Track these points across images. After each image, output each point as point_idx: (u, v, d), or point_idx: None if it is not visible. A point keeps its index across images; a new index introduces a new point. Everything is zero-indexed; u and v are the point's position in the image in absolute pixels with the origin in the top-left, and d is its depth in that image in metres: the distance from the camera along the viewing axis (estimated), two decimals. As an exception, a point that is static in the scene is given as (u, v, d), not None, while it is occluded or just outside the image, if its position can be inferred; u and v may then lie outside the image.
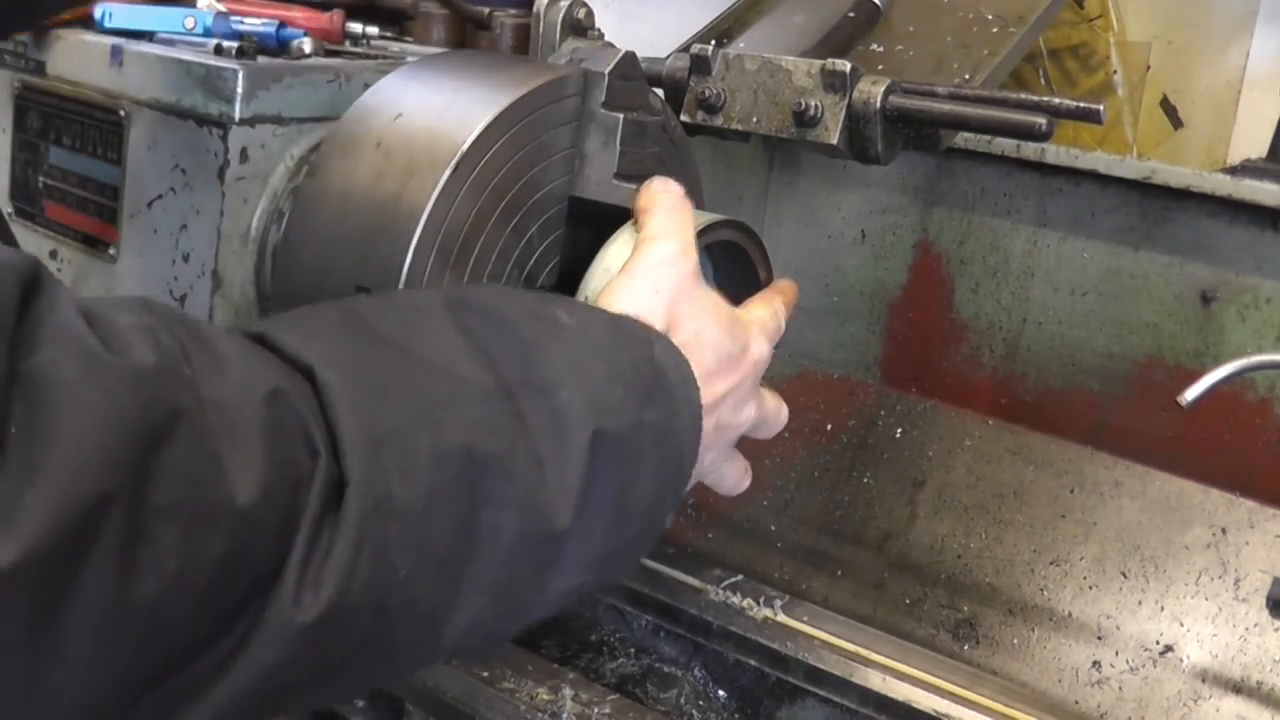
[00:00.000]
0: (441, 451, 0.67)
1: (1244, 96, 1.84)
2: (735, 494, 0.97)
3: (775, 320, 0.98)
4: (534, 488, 0.71)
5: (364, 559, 0.63)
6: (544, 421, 0.72)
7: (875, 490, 1.32)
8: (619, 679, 1.16)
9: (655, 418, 0.78)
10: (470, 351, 0.72)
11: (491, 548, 0.69)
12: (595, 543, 0.75)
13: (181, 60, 1.17)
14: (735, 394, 0.90)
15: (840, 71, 1.03)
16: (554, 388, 0.73)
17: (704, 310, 0.90)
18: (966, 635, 1.21)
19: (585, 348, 0.77)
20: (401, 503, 0.65)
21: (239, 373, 0.62)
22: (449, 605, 0.69)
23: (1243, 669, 1.11)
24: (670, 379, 0.80)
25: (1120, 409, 1.25)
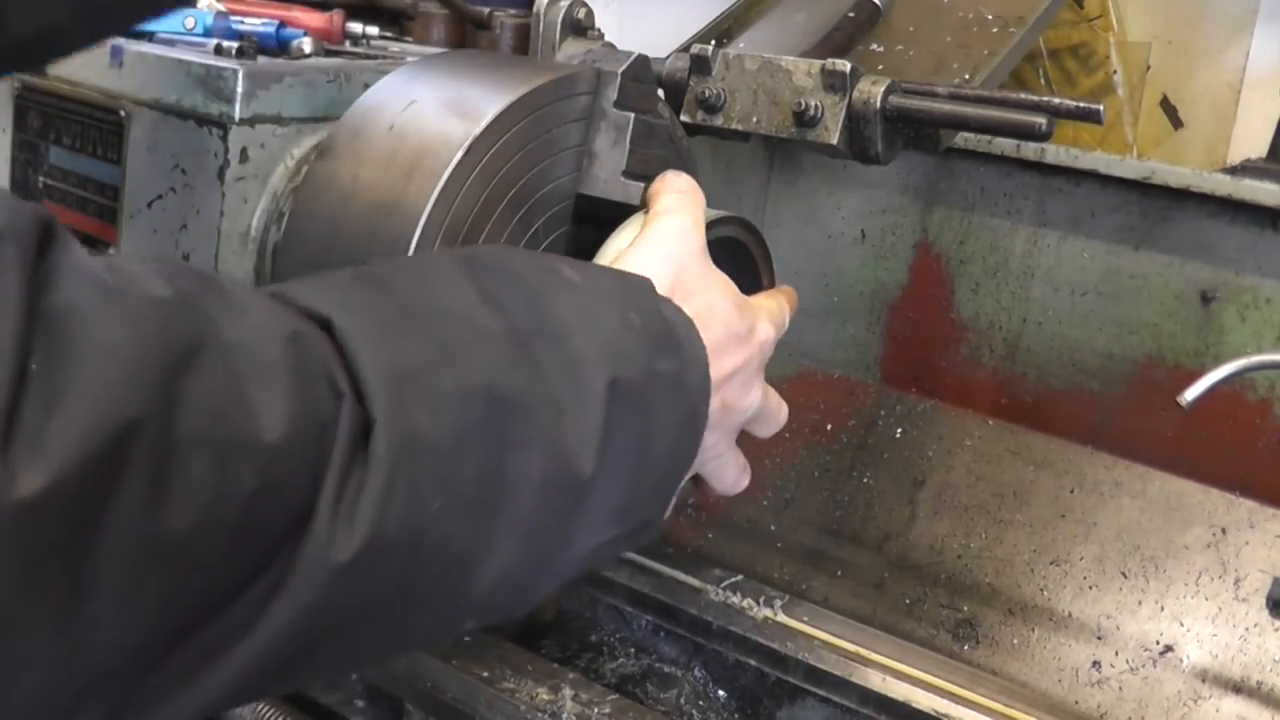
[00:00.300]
0: (466, 390, 0.67)
1: (1244, 96, 1.84)
2: (733, 492, 0.97)
3: (782, 313, 0.98)
4: (556, 432, 0.70)
5: (396, 496, 0.62)
6: (560, 369, 0.71)
7: (875, 490, 1.32)
8: (619, 679, 1.16)
9: (668, 367, 0.78)
10: (483, 301, 0.71)
11: (520, 491, 0.69)
12: (618, 491, 0.75)
13: (181, 60, 1.17)
14: (742, 373, 0.90)
15: (840, 71, 1.03)
16: (566, 336, 0.73)
17: (714, 284, 0.90)
18: (966, 635, 1.21)
19: (593, 299, 0.77)
20: (430, 440, 0.64)
21: (258, 317, 0.62)
22: (481, 549, 0.68)
23: (1243, 669, 1.11)
24: (680, 335, 0.80)
25: (1120, 409, 1.25)
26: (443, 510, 0.65)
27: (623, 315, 0.77)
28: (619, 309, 0.77)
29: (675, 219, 0.92)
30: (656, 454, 0.78)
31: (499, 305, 0.72)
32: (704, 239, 0.92)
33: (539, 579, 0.75)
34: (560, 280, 0.77)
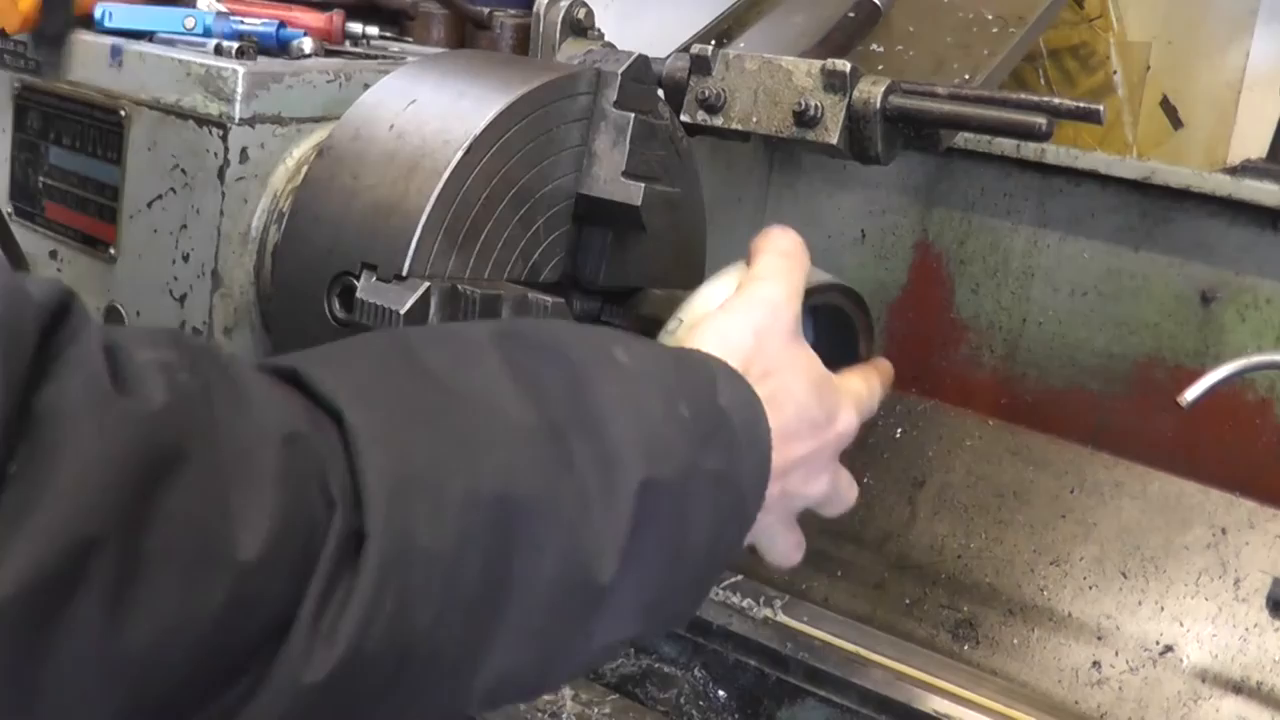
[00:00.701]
0: (475, 494, 0.64)
1: (1244, 96, 1.84)
2: (784, 565, 0.92)
3: (871, 398, 0.92)
4: (576, 534, 0.67)
5: (382, 611, 0.60)
6: (591, 464, 0.68)
7: (875, 490, 1.32)
8: (619, 679, 1.16)
9: (714, 464, 0.74)
10: (518, 389, 0.69)
11: (527, 594, 0.66)
12: (644, 591, 0.72)
13: (181, 60, 1.17)
14: (811, 462, 0.85)
15: (840, 71, 1.03)
16: (604, 429, 0.70)
17: (797, 365, 0.85)
18: (966, 635, 1.21)
19: (641, 387, 0.73)
20: (427, 549, 0.62)
21: (259, 414, 0.60)
22: (480, 653, 0.66)
23: (1243, 669, 1.11)
24: (735, 424, 0.77)
25: (1120, 409, 1.25)
26: (437, 619, 0.63)
27: (669, 406, 0.73)
28: (667, 399, 0.74)
29: (770, 286, 0.87)
30: (691, 552, 0.74)
31: (534, 391, 0.69)
32: (798, 310, 0.87)
33: (548, 675, 0.73)
34: (608, 362, 0.74)
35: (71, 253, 1.31)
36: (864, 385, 0.92)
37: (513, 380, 0.69)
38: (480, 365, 0.69)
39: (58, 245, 1.32)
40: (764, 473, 0.78)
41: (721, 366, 0.80)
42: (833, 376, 0.88)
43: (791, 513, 0.88)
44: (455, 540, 0.63)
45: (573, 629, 0.69)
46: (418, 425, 0.65)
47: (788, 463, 0.82)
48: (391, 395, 0.66)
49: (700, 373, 0.78)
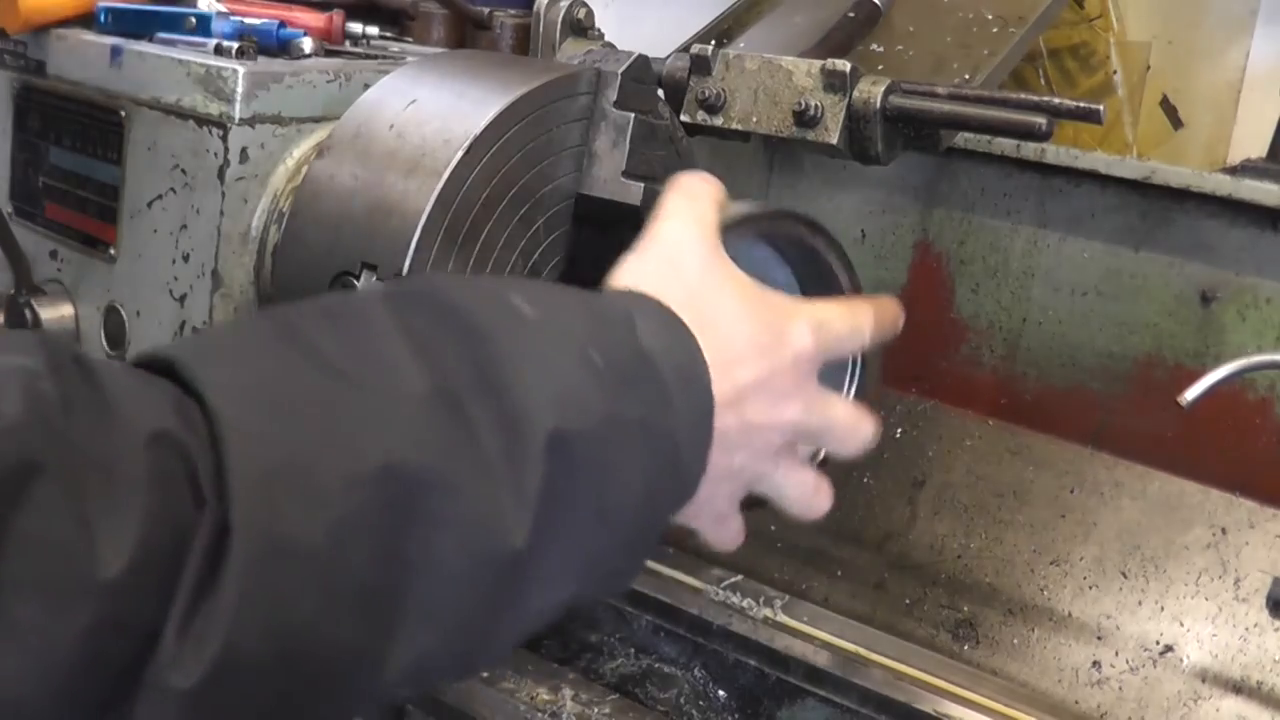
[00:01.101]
0: (356, 476, 0.60)
1: (1244, 96, 1.84)
2: (811, 515, 0.87)
3: (840, 324, 0.85)
4: (480, 501, 0.63)
5: (254, 608, 0.57)
6: (493, 427, 0.64)
7: (875, 490, 1.32)
8: (619, 679, 1.16)
9: (637, 410, 0.70)
10: (412, 354, 0.65)
11: (430, 573, 0.62)
12: (572, 554, 0.68)
13: (181, 60, 1.17)
14: (769, 387, 0.79)
15: (840, 71, 1.03)
16: (506, 387, 0.65)
17: (724, 286, 0.80)
18: (966, 635, 1.21)
19: (546, 338, 0.69)
20: (299, 540, 0.58)
21: (124, 416, 0.57)
22: (384, 640, 0.62)
23: (1243, 669, 1.11)
24: (660, 365, 0.72)
25: (1120, 409, 1.25)
26: (322, 612, 0.59)
27: (581, 355, 0.69)
28: (576, 348, 0.69)
29: (674, 221, 0.83)
30: (621, 506, 0.70)
31: (428, 356, 0.65)
32: (713, 241, 0.83)
33: (478, 650, 0.69)
34: (511, 317, 0.69)
35: (71, 253, 1.31)
36: (833, 311, 0.86)
37: (405, 347, 0.65)
38: (371, 335, 0.66)
39: (58, 245, 1.32)
40: (704, 407, 0.74)
41: (639, 302, 0.76)
42: (777, 295, 0.83)
43: (771, 446, 0.81)
44: (334, 527, 0.59)
45: (492, 600, 0.66)
46: (292, 409, 0.62)
47: (737, 390, 0.77)
48: (265, 379, 0.63)
49: (614, 315, 0.73)
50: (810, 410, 0.82)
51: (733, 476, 0.80)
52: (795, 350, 0.81)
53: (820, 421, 0.83)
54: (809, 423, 0.82)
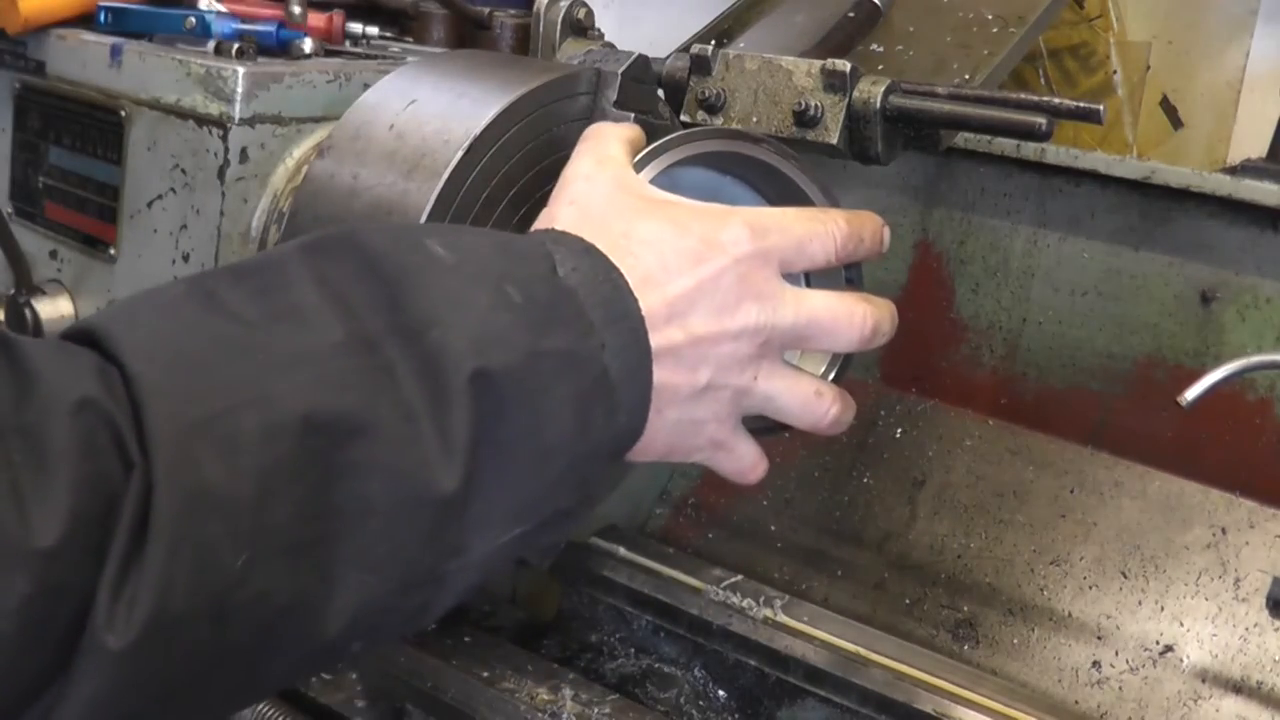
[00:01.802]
0: (276, 426, 0.60)
1: (1244, 96, 1.84)
2: (821, 425, 0.84)
3: (794, 224, 0.81)
4: (406, 445, 0.63)
5: (182, 564, 0.57)
6: (414, 370, 0.64)
7: (875, 490, 1.32)
8: (619, 679, 1.16)
9: (559, 342, 0.69)
10: (328, 303, 0.65)
11: (361, 520, 0.62)
12: (509, 493, 0.68)
13: (181, 60, 1.17)
14: (708, 294, 0.77)
15: (840, 71, 1.03)
16: (424, 329, 0.65)
17: (638, 210, 0.79)
18: (966, 635, 1.21)
19: (462, 279, 0.69)
20: (224, 492, 0.59)
21: (47, 388, 0.58)
22: (320, 590, 0.62)
23: (1243, 669, 1.11)
24: (580, 295, 0.71)
25: (1120, 409, 1.25)
26: (251, 564, 0.59)
27: (497, 292, 0.69)
28: (493, 285, 0.69)
29: (578, 160, 0.83)
30: (554, 441, 0.69)
31: (345, 304, 0.65)
32: (618, 170, 0.82)
33: (423, 599, 0.68)
34: (426, 260, 0.69)
35: (71, 253, 1.31)
36: (778, 212, 0.82)
37: (320, 296, 0.65)
38: (286, 286, 0.66)
39: (58, 245, 1.32)
40: (633, 327, 0.73)
41: (554, 237, 0.75)
42: (710, 206, 0.81)
43: (738, 358, 0.79)
44: (257, 478, 0.60)
45: (433, 545, 0.66)
46: (208, 365, 0.62)
47: (669, 304, 0.75)
48: (182, 338, 0.63)
49: (529, 251, 0.73)
50: (777, 310, 0.79)
51: (702, 395, 0.78)
52: (733, 253, 0.78)
53: (794, 319, 0.80)
54: (779, 323, 0.79)
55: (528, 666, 1.11)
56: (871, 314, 0.83)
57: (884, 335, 0.85)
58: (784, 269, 0.80)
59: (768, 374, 0.80)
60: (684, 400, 0.77)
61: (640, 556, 1.22)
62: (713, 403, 0.79)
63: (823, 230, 0.82)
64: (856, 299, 0.83)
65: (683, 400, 0.77)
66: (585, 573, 1.21)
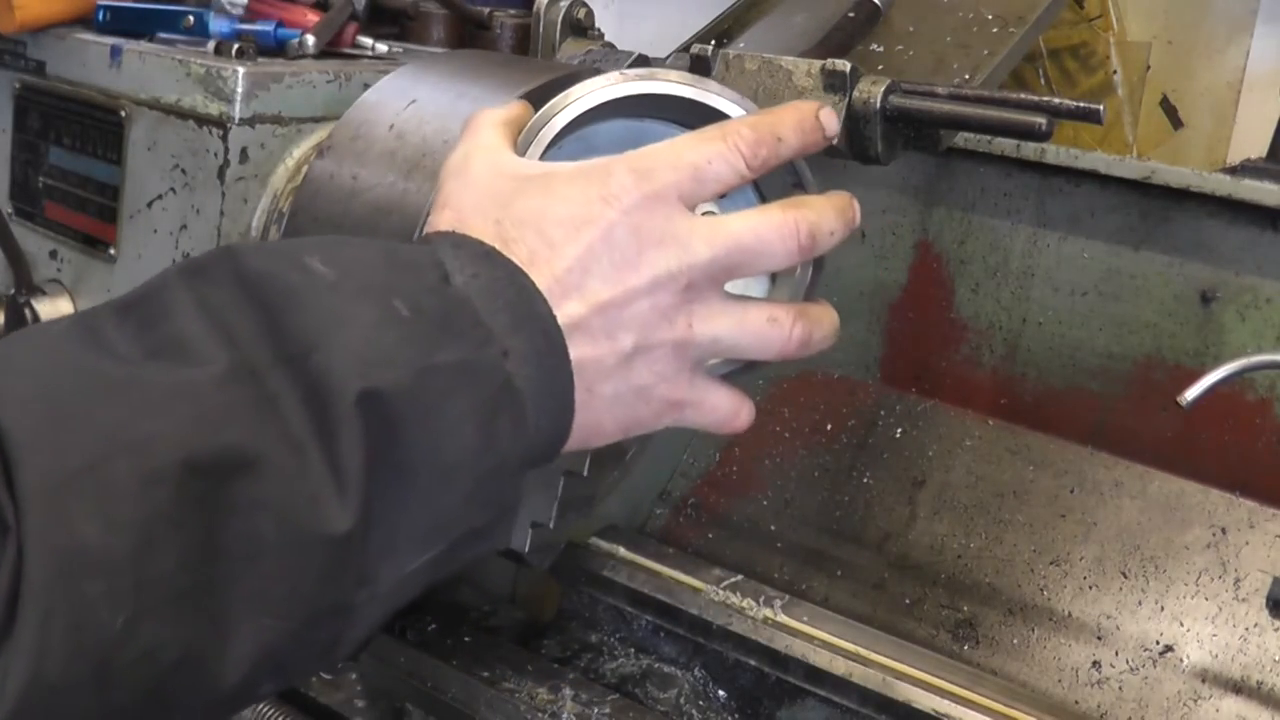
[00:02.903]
0: (151, 471, 0.57)
1: (1244, 96, 1.84)
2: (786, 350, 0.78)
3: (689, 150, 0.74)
4: (294, 480, 0.60)
5: (56, 630, 0.54)
6: (300, 397, 0.60)
7: (875, 490, 1.32)
8: (619, 679, 1.16)
9: (453, 355, 0.65)
10: (208, 331, 0.62)
11: (251, 563, 0.59)
12: (413, 516, 0.64)
13: (181, 60, 1.17)
14: (602, 254, 0.71)
15: (840, 71, 1.03)
16: (306, 354, 0.61)
17: (508, 191, 0.73)
18: (966, 635, 1.21)
19: (345, 295, 0.65)
20: (100, 549, 0.55)
21: None
22: (214, 640, 0.59)
23: (1243, 669, 1.11)
24: (478, 303, 0.68)
25: (1120, 409, 1.25)
26: (133, 622, 0.56)
27: (384, 308, 0.65)
28: (378, 301, 0.65)
29: (449, 158, 0.78)
30: (456, 459, 0.65)
31: (226, 332, 0.62)
32: (491, 152, 0.77)
33: (327, 635, 0.65)
34: (307, 279, 0.65)
35: (71, 253, 1.31)
36: (667, 145, 0.75)
37: (202, 325, 0.62)
38: (168, 317, 0.63)
39: (58, 245, 1.32)
40: (546, 331, 0.69)
41: (454, 241, 0.71)
42: (594, 161, 0.75)
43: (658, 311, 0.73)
44: (135, 529, 0.56)
45: (332, 579, 0.62)
46: (84, 414, 0.58)
47: (561, 277, 0.71)
48: (59, 382, 0.60)
49: (418, 261, 0.69)
50: (689, 249, 0.73)
51: (633, 360, 0.73)
52: (620, 205, 0.72)
53: (711, 253, 0.73)
54: (695, 261, 0.73)
55: (528, 666, 1.11)
56: (803, 219, 0.75)
57: (828, 236, 0.77)
58: (688, 203, 0.74)
59: (704, 317, 0.74)
60: (614, 371, 0.73)
61: (640, 556, 1.22)
62: (650, 364, 0.74)
63: (722, 147, 0.74)
64: (781, 207, 0.76)
65: (612, 372, 0.72)
66: (585, 573, 1.21)
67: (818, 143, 0.80)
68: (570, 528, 1.10)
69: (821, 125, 0.80)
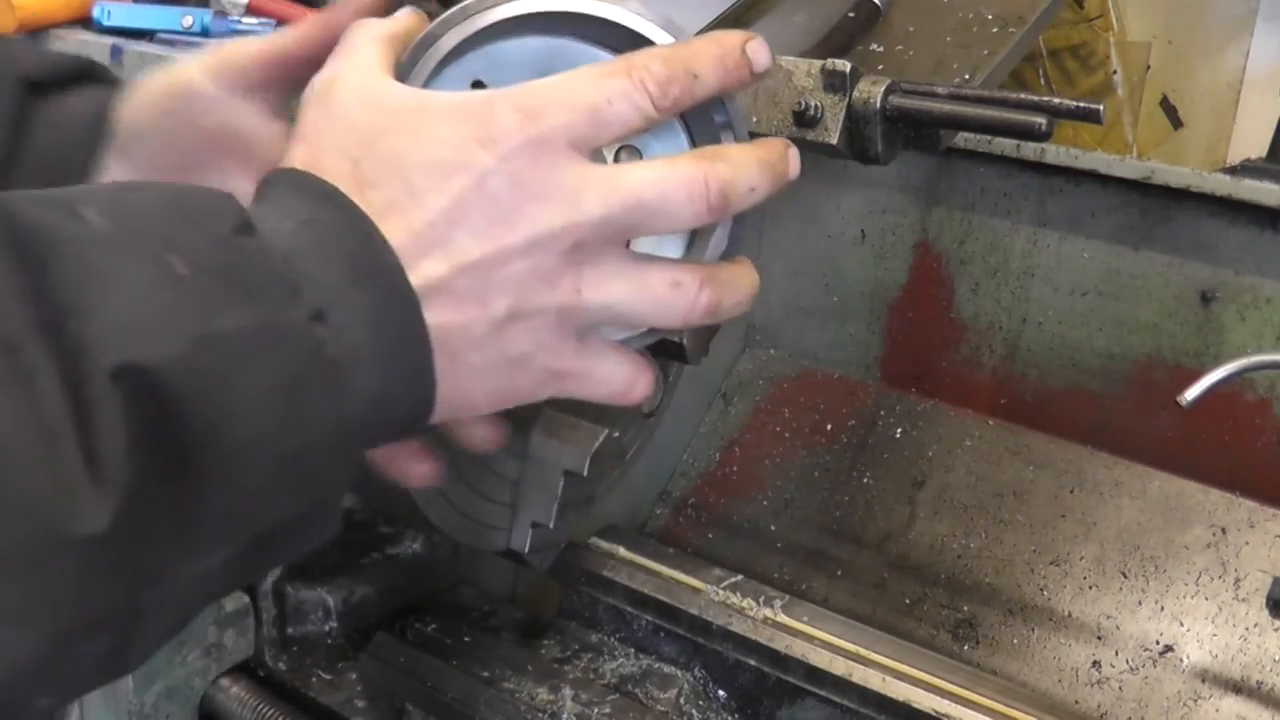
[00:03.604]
0: None
1: (1244, 96, 1.84)
2: (689, 316, 0.68)
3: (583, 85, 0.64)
4: (43, 469, 0.51)
5: None
6: (56, 372, 0.51)
7: (875, 490, 1.32)
8: (619, 679, 1.16)
9: (243, 320, 0.56)
10: None
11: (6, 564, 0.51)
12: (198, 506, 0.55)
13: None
14: (474, 206, 0.62)
15: (840, 71, 1.03)
16: (63, 320, 0.52)
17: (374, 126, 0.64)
18: (966, 635, 1.21)
19: (116, 250, 0.55)
20: None
21: None
22: None
23: (1243, 669, 1.11)
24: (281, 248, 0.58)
25: (1120, 409, 1.25)
26: None
27: (158, 265, 0.55)
28: (153, 257, 0.55)
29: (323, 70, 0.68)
30: (247, 440, 0.55)
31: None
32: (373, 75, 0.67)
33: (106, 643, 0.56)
34: (80, 231, 0.55)
35: (71, 253, 1.31)
36: (559, 80, 0.65)
37: None
38: None
39: (57, 245, 1.32)
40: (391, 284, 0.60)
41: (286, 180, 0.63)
42: (465, 97, 0.65)
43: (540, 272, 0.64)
44: None
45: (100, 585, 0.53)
46: None
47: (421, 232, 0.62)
48: None
49: (208, 207, 0.59)
50: (579, 204, 0.63)
51: (507, 327, 0.64)
52: (499, 150, 0.62)
53: (604, 209, 0.64)
54: (584, 218, 0.64)
55: (528, 666, 1.11)
56: (714, 174, 0.66)
57: (746, 192, 0.68)
58: (583, 148, 0.64)
59: (595, 281, 0.65)
60: (484, 339, 0.64)
61: (640, 556, 1.22)
62: (529, 331, 0.65)
63: (626, 84, 0.65)
64: (692, 159, 0.66)
65: (482, 340, 0.64)
66: (585, 573, 1.21)
67: (743, 80, 0.70)
68: (570, 528, 1.10)
69: (748, 59, 0.69)
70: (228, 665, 1.20)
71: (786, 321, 1.46)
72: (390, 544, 1.32)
